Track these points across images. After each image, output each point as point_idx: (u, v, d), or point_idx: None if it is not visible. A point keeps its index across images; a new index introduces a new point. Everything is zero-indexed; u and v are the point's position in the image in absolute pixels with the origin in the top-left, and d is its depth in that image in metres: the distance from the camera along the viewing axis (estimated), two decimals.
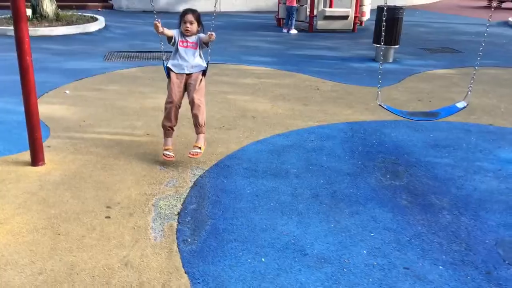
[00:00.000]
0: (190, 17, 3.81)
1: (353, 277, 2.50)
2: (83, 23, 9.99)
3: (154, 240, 2.79)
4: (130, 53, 8.11)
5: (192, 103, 3.78)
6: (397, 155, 4.12)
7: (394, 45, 7.68)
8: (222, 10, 14.31)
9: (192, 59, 3.85)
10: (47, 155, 3.84)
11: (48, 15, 9.99)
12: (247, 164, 3.85)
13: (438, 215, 3.15)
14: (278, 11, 11.63)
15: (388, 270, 2.57)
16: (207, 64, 3.93)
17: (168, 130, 3.83)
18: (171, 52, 3.93)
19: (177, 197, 3.29)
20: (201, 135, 3.81)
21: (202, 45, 3.88)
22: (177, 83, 3.81)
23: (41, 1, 9.90)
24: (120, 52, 8.15)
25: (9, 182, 3.41)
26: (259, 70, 7.12)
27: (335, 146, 4.27)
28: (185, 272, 2.50)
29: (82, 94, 5.68)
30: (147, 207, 3.14)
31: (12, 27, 9.19)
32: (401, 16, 7.47)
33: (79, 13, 11.00)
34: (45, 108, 5.10)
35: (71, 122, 4.72)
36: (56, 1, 11.15)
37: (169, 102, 3.78)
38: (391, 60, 7.86)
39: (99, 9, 13.13)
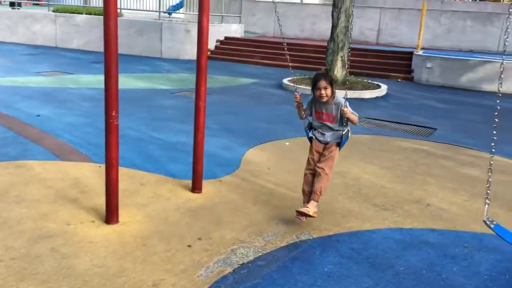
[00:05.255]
0: (323, 83, 3.82)
1: None
2: (360, 89, 10.66)
3: (198, 276, 3.03)
4: (385, 122, 8.18)
5: (315, 171, 3.90)
6: None
7: None
8: None
9: (329, 133, 3.98)
10: (210, 187, 4.52)
11: (337, 79, 11.08)
12: (358, 246, 3.56)
13: None
14: None
15: None
16: (347, 135, 3.97)
17: (306, 195, 3.94)
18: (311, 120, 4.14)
19: (259, 251, 3.40)
20: (313, 202, 3.79)
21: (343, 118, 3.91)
22: (316, 151, 4.00)
23: (334, 67, 11.10)
24: (375, 119, 8.33)
25: (162, 199, 4.22)
26: None
27: (494, 263, 3.43)
28: None
29: (296, 147, 6.20)
30: (225, 250, 3.38)
31: (301, 86, 10.76)
32: None
33: (368, 81, 11.73)
34: (256, 152, 5.88)
35: (260, 167, 5.30)
36: (354, 68, 12.24)
37: (307, 168, 4.00)
38: None
39: (399, 80, 13.55)
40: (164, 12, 17.60)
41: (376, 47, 16.40)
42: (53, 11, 17.02)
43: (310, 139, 4.07)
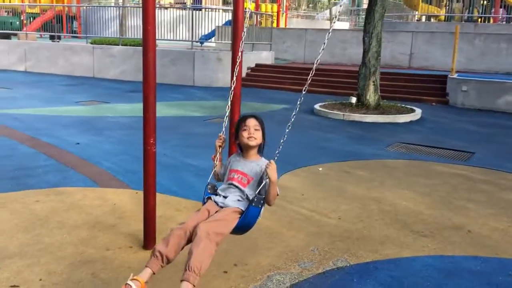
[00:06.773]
0: (253, 121, 2.99)
1: None
2: (394, 114, 10.54)
3: None
4: (421, 146, 8.04)
5: (194, 234, 2.62)
6: None
7: None
8: None
9: (233, 197, 2.93)
10: None
11: (370, 104, 11.03)
12: (397, 273, 3.48)
13: None
14: None
15: None
16: (260, 207, 2.90)
17: (155, 257, 2.64)
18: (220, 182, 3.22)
19: (295, 278, 3.37)
20: (185, 284, 2.48)
21: (262, 190, 2.88)
22: (206, 209, 2.88)
23: (366, 92, 11.07)
24: (410, 144, 8.20)
25: None
26: None
27: None
28: None
29: (329, 173, 6.17)
30: (262, 276, 3.37)
31: (333, 111, 10.75)
32: None
33: (401, 105, 11.62)
34: (290, 177, 5.87)
35: (294, 193, 5.27)
36: (387, 93, 12.19)
37: (180, 223, 2.81)
38: None
39: (433, 104, 13.37)
40: (196, 42, 18.01)
41: (408, 71, 16.26)
42: (91, 43, 17.68)
43: (206, 199, 3.02)
